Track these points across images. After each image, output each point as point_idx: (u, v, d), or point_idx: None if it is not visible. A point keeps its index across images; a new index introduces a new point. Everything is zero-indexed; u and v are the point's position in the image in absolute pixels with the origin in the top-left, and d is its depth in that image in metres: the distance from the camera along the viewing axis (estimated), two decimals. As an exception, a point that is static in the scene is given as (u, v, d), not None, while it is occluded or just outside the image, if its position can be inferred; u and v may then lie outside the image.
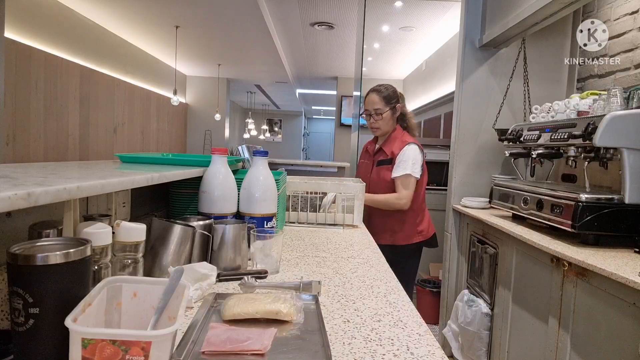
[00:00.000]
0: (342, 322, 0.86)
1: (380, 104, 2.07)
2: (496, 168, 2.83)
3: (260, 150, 1.37)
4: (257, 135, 13.30)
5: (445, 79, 5.36)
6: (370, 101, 2.09)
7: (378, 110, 2.07)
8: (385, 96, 2.07)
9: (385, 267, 1.30)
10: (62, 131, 5.03)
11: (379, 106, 2.07)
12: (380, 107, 2.06)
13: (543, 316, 1.70)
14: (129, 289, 0.70)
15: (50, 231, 0.75)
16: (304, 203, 1.90)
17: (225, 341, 0.72)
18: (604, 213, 1.61)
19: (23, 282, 0.56)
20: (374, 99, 2.08)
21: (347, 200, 1.90)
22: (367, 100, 2.11)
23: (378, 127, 2.11)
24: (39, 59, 4.54)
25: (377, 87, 2.12)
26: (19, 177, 0.75)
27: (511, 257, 2.02)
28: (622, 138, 1.62)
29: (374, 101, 2.08)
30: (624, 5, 2.26)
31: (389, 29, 5.68)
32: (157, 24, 5.83)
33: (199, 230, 1.09)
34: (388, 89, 2.10)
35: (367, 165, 2.20)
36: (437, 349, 0.76)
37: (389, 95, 2.08)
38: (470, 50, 2.81)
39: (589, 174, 1.85)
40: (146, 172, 1.02)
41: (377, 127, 2.11)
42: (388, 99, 2.07)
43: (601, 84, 2.42)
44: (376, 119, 2.08)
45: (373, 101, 2.08)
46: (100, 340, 0.53)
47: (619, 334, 1.31)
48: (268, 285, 1.03)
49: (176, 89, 6.68)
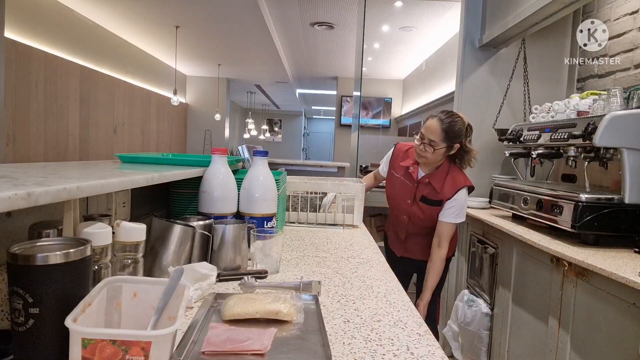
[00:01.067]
0: (342, 322, 0.86)
1: (438, 136, 1.78)
2: (496, 168, 2.83)
3: (260, 150, 1.36)
4: (257, 135, 13.30)
5: (445, 79, 5.36)
6: (428, 127, 1.80)
7: (432, 143, 1.79)
8: (447, 131, 1.78)
9: (386, 267, 1.30)
10: (62, 131, 5.03)
11: (435, 139, 1.78)
12: (436, 140, 1.78)
13: (543, 316, 1.70)
14: (129, 289, 0.70)
15: (50, 231, 0.75)
16: (304, 203, 1.89)
17: (225, 341, 0.72)
18: (604, 213, 1.61)
19: (23, 282, 0.56)
20: (435, 128, 1.78)
21: (347, 201, 1.89)
22: (426, 125, 1.82)
23: (425, 157, 1.84)
24: (39, 59, 4.54)
25: (442, 115, 1.82)
26: (19, 177, 0.75)
27: (511, 257, 2.02)
28: (622, 138, 1.62)
29: (433, 131, 1.78)
30: (624, 5, 2.26)
31: (389, 29, 5.68)
32: (157, 24, 5.83)
33: (199, 230, 1.09)
34: (454, 121, 1.79)
35: (407, 189, 1.95)
36: (437, 349, 0.76)
37: (452, 132, 1.79)
38: (470, 50, 2.81)
39: (589, 174, 1.85)
40: (146, 172, 1.02)
41: (424, 156, 1.83)
42: (450, 136, 1.78)
43: (601, 84, 2.42)
44: (427, 149, 1.80)
45: (432, 130, 1.79)
46: (100, 340, 0.53)
47: (619, 334, 1.31)
48: (268, 285, 1.03)
49: (176, 89, 6.67)
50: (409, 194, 1.94)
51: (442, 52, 5.89)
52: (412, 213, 1.95)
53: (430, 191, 1.88)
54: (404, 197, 1.95)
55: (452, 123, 1.79)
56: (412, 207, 1.94)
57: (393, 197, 2.03)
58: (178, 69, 8.40)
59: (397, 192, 1.98)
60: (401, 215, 1.99)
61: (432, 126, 1.79)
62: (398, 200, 1.99)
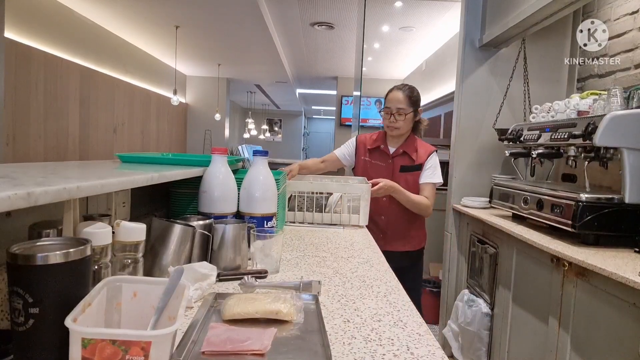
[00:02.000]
0: (342, 322, 0.86)
1: (404, 103, 1.95)
2: (496, 168, 2.83)
3: (260, 150, 1.37)
4: (257, 135, 13.30)
5: (445, 78, 5.36)
6: (394, 99, 1.96)
7: (401, 110, 1.95)
8: (410, 97, 1.96)
9: (386, 267, 1.30)
10: (62, 131, 5.03)
11: (403, 106, 1.95)
12: (404, 107, 1.94)
13: (543, 316, 1.70)
14: (129, 289, 0.69)
15: (50, 231, 0.75)
16: (310, 203, 1.88)
17: (225, 341, 0.72)
18: (604, 213, 1.61)
19: (23, 282, 0.56)
20: (399, 97, 1.95)
21: (352, 201, 1.88)
22: (390, 98, 1.98)
23: (398, 127, 1.98)
24: (39, 59, 4.54)
25: (402, 86, 2.00)
26: (19, 177, 0.75)
27: (511, 257, 2.02)
28: (622, 138, 1.62)
29: (399, 99, 1.95)
30: (624, 5, 2.26)
31: (389, 29, 5.68)
32: (157, 24, 5.83)
33: (199, 230, 1.09)
34: (414, 92, 1.99)
35: (384, 168, 2.06)
36: (437, 349, 0.76)
37: (414, 98, 1.97)
38: (470, 50, 2.81)
39: (589, 173, 1.85)
40: (146, 172, 1.01)
41: (397, 126, 1.98)
42: (412, 100, 1.96)
43: (601, 83, 2.42)
44: (397, 118, 1.96)
45: (397, 99, 1.95)
46: (100, 340, 0.53)
47: (619, 334, 1.31)
48: (268, 285, 1.03)
49: (176, 88, 6.68)
50: (386, 171, 2.03)
51: (442, 52, 5.89)
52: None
53: (407, 160, 2.02)
54: (382, 176, 2.00)
55: (410, 89, 1.99)
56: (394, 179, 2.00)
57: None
58: (178, 69, 8.40)
59: (374, 176, 2.03)
60: (380, 199, 2.00)
61: (396, 96, 1.97)
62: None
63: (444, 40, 5.68)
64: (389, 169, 2.04)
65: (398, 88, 1.99)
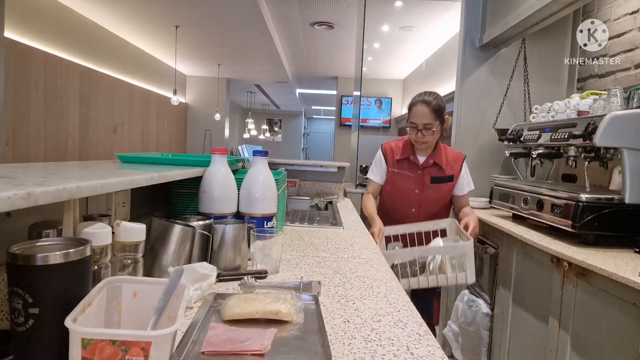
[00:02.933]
0: (342, 322, 0.86)
1: (430, 117, 1.84)
2: (496, 168, 2.83)
3: (260, 150, 1.36)
4: (257, 135, 13.29)
5: (445, 79, 5.35)
6: (419, 114, 1.86)
7: (428, 126, 1.85)
8: (434, 108, 1.85)
9: (386, 267, 1.30)
10: (62, 131, 5.03)
11: (428, 120, 1.84)
12: (430, 121, 1.84)
13: (543, 316, 1.70)
14: (129, 289, 0.69)
15: (50, 231, 0.75)
16: (412, 267, 1.73)
17: (225, 341, 0.72)
18: (604, 213, 1.61)
19: (23, 282, 0.56)
20: (425, 112, 1.85)
21: (456, 258, 1.73)
22: (415, 112, 1.87)
23: (426, 142, 1.90)
24: (38, 59, 4.54)
25: (424, 97, 1.88)
26: (19, 177, 0.75)
27: (511, 257, 2.01)
28: (622, 138, 1.62)
29: (424, 114, 1.85)
30: (624, 5, 2.26)
31: (389, 29, 5.68)
32: (157, 24, 5.83)
33: (199, 230, 1.09)
34: (437, 99, 1.88)
35: (414, 179, 1.98)
36: (437, 349, 0.76)
37: (438, 107, 1.86)
38: (471, 50, 2.81)
39: (589, 174, 1.85)
40: (146, 172, 1.01)
41: (424, 141, 1.89)
42: (438, 112, 1.86)
43: (601, 83, 2.42)
44: (425, 134, 1.86)
45: (423, 114, 1.85)
46: (100, 340, 0.52)
47: (619, 334, 1.30)
48: (268, 286, 1.03)
49: (176, 88, 6.67)
50: (416, 183, 1.98)
51: (442, 52, 5.89)
52: (422, 200, 1.97)
53: (437, 170, 1.96)
54: (412, 188, 1.98)
55: (436, 101, 1.88)
56: (422, 193, 1.97)
57: (398, 193, 2.02)
58: (178, 69, 8.39)
59: (403, 187, 2.00)
60: (409, 209, 1.98)
61: (422, 111, 1.86)
62: (404, 194, 1.99)
63: (444, 40, 5.67)
64: (418, 180, 1.97)
65: (423, 102, 1.87)
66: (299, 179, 2.93)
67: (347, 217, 2.23)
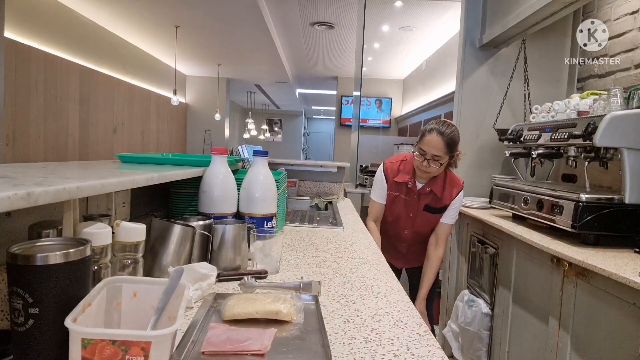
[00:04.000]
0: (342, 322, 0.86)
1: (441, 150, 1.76)
2: (496, 168, 2.83)
3: (260, 150, 1.36)
4: (257, 135, 13.28)
5: (445, 79, 5.36)
6: (432, 144, 1.76)
7: (437, 158, 1.77)
8: (448, 142, 1.76)
9: (386, 267, 1.30)
10: (62, 131, 5.03)
11: (439, 153, 1.76)
12: (440, 154, 1.76)
13: (543, 316, 1.70)
14: (129, 289, 0.69)
15: (50, 231, 0.75)
16: None
17: (225, 341, 0.72)
18: (604, 213, 1.61)
19: (23, 282, 0.56)
20: (439, 144, 1.75)
21: None
22: (428, 141, 1.77)
23: (429, 173, 1.84)
24: (38, 59, 4.54)
25: (441, 128, 1.77)
26: (19, 177, 0.75)
27: (511, 257, 2.01)
28: (622, 138, 1.62)
29: (437, 147, 1.75)
30: (624, 5, 2.26)
31: (389, 29, 5.68)
32: (157, 24, 5.83)
33: (199, 230, 1.09)
34: (454, 132, 1.78)
35: (408, 203, 1.94)
36: (437, 349, 0.76)
37: (452, 141, 1.78)
38: (470, 50, 2.81)
39: (589, 174, 1.85)
40: (146, 172, 1.01)
41: (428, 172, 1.83)
42: (451, 146, 1.77)
43: (601, 84, 2.42)
44: (431, 165, 1.78)
45: (436, 146, 1.75)
46: (100, 340, 0.53)
47: (619, 334, 1.30)
48: (268, 285, 1.03)
49: (176, 88, 6.67)
50: (411, 208, 1.94)
51: (442, 52, 5.89)
52: (414, 225, 1.97)
53: (432, 199, 1.90)
54: (406, 212, 1.95)
55: (452, 135, 1.76)
56: (415, 219, 1.96)
57: (392, 214, 1.99)
58: (178, 69, 8.39)
59: (398, 209, 1.97)
60: (402, 231, 2.00)
61: (434, 141, 1.75)
62: (399, 216, 1.97)
63: (444, 40, 5.67)
64: (413, 205, 1.94)
65: (439, 132, 1.76)
66: (299, 179, 2.93)
67: (347, 217, 2.23)
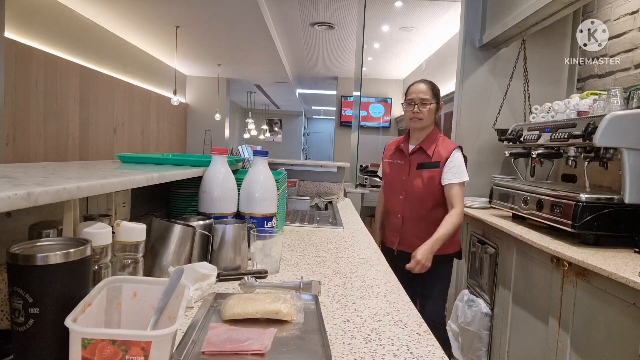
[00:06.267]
0: (342, 322, 0.86)
1: (427, 93, 1.92)
2: (496, 168, 2.83)
3: (260, 150, 1.37)
4: (257, 135, 13.28)
5: (445, 79, 5.35)
6: (417, 90, 1.93)
7: (425, 101, 1.91)
8: (432, 89, 1.94)
9: (386, 267, 1.30)
10: (62, 131, 5.03)
11: (425, 96, 1.92)
12: (428, 97, 1.92)
13: (543, 316, 1.70)
14: (129, 289, 0.69)
15: (50, 231, 0.75)
16: None
17: (225, 341, 0.72)
18: (604, 213, 1.61)
19: (23, 282, 0.56)
20: (422, 88, 1.93)
21: None
22: (413, 89, 1.95)
23: (421, 118, 1.92)
24: (38, 59, 4.54)
25: (423, 79, 2.01)
26: (19, 177, 0.75)
27: (511, 257, 2.01)
28: (622, 138, 1.62)
29: (422, 90, 1.92)
30: (624, 5, 2.26)
31: (389, 29, 5.68)
32: (157, 24, 5.83)
33: (199, 230, 1.09)
34: (436, 87, 1.99)
35: (401, 167, 2.01)
36: (437, 349, 0.76)
37: (435, 87, 1.97)
38: (470, 50, 2.81)
39: (589, 174, 1.85)
40: (146, 172, 1.01)
41: (420, 117, 1.92)
42: (435, 93, 1.95)
43: (601, 84, 2.42)
44: (421, 109, 1.91)
45: (421, 90, 1.93)
46: (100, 340, 0.53)
47: (619, 334, 1.31)
48: (268, 285, 1.03)
49: (176, 89, 6.67)
50: (404, 170, 2.00)
51: (442, 52, 5.89)
52: (408, 187, 1.94)
53: (424, 157, 1.96)
54: (400, 175, 2.00)
55: (432, 83, 1.97)
56: (408, 180, 1.95)
57: (388, 181, 2.07)
58: (178, 69, 8.39)
59: (392, 174, 2.05)
60: (397, 196, 1.97)
61: (420, 87, 1.94)
62: (393, 181, 2.02)
63: (444, 40, 5.67)
64: (406, 166, 1.99)
65: (422, 80, 1.98)
66: (299, 179, 2.93)
67: (347, 217, 2.23)
